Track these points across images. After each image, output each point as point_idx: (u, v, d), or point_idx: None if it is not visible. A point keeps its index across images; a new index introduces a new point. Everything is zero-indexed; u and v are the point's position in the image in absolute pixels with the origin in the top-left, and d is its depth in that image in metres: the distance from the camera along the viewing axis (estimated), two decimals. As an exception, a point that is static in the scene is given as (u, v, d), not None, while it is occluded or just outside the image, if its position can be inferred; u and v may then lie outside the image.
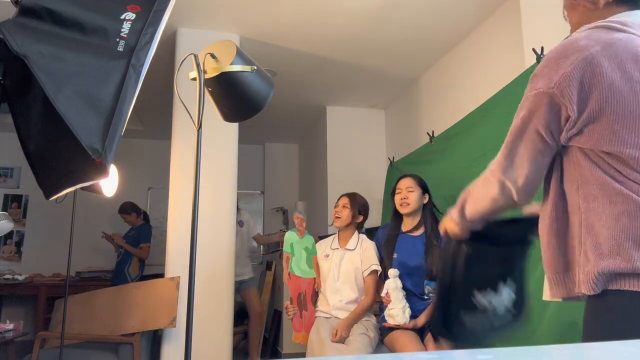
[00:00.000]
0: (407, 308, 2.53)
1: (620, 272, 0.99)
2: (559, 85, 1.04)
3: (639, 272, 0.97)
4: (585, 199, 1.07)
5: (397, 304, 2.53)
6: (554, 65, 1.06)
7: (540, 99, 1.08)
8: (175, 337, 3.07)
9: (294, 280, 2.73)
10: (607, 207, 1.03)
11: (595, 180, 1.05)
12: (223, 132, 3.37)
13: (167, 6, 1.33)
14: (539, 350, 0.60)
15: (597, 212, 1.04)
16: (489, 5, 3.11)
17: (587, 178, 1.07)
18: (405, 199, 2.70)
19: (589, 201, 1.06)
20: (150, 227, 5.03)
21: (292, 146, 6.58)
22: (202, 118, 1.43)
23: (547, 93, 1.06)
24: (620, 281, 1.00)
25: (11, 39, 1.18)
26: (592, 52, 1.02)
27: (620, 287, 0.99)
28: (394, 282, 2.56)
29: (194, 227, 1.40)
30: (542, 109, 1.08)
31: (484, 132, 2.88)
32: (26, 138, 1.42)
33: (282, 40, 3.60)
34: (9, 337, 3.27)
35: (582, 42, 1.05)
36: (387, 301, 2.56)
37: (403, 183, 2.77)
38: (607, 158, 1.03)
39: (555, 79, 1.04)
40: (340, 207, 2.86)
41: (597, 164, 1.05)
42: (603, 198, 1.04)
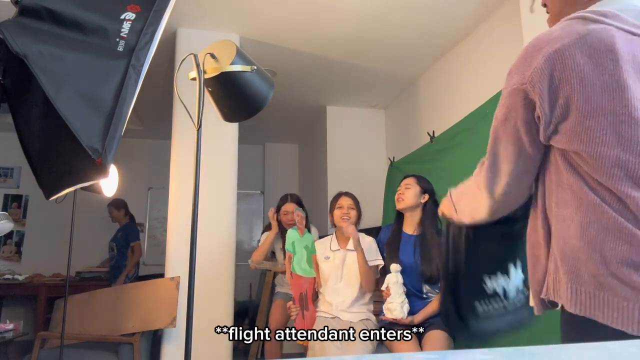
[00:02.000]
0: (405, 304, 2.54)
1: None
2: (532, 80, 0.98)
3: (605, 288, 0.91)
4: (557, 204, 1.01)
5: (396, 299, 2.53)
6: (527, 60, 1.00)
7: (515, 96, 1.02)
8: (175, 337, 3.07)
9: (295, 280, 2.72)
10: (575, 215, 0.97)
11: (569, 184, 0.99)
12: (223, 132, 3.37)
13: (167, 6, 1.33)
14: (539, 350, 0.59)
15: (565, 219, 0.98)
16: (489, 5, 3.11)
17: (562, 181, 1.01)
18: (401, 195, 2.75)
19: (560, 207, 1.00)
20: (137, 226, 5.08)
21: (292, 146, 6.57)
22: (202, 118, 1.43)
23: (521, 89, 1.00)
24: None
25: (11, 39, 1.17)
26: (565, 44, 0.96)
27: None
28: (395, 276, 2.57)
29: (194, 227, 1.40)
30: (519, 106, 1.01)
31: (484, 132, 2.87)
32: (26, 138, 1.42)
33: (282, 40, 3.60)
34: (9, 337, 3.27)
35: (555, 34, 0.99)
36: (387, 295, 2.57)
37: (404, 181, 2.81)
38: (580, 160, 0.97)
39: (527, 74, 0.99)
40: (346, 209, 2.85)
41: (573, 166, 0.99)
42: (574, 205, 0.97)
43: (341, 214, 2.84)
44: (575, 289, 0.95)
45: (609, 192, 0.94)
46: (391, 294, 2.56)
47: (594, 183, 0.95)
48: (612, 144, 0.92)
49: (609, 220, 0.92)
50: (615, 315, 0.88)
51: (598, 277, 0.92)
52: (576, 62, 0.95)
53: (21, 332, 3.46)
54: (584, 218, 0.95)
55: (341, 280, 2.76)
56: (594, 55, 0.95)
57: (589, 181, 0.96)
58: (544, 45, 0.98)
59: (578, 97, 0.94)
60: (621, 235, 0.91)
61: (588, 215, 0.95)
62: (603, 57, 0.94)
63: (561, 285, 0.98)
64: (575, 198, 0.97)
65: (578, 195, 0.97)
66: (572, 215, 0.97)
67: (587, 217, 0.95)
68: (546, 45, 0.98)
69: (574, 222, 0.97)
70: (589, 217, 0.95)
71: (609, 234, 0.92)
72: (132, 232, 4.89)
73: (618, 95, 0.93)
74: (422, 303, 2.61)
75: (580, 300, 0.94)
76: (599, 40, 0.95)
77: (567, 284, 0.96)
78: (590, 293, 0.92)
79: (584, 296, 0.93)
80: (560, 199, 1.00)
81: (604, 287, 0.91)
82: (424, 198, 2.74)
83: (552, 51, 0.96)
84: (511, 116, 1.04)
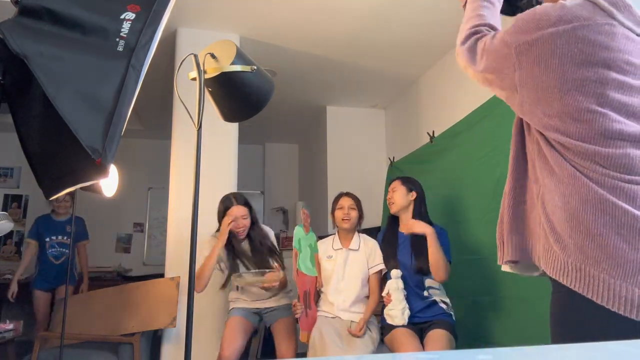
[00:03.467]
0: (406, 310, 2.55)
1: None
2: (517, 50, 1.03)
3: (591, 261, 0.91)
4: (541, 172, 1.03)
5: (397, 305, 2.54)
6: (526, 25, 1.05)
7: (503, 49, 1.08)
8: (175, 337, 3.07)
9: (300, 277, 2.71)
10: (559, 186, 0.98)
11: (550, 154, 1.01)
12: (223, 132, 3.37)
13: (167, 6, 1.33)
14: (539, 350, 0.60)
15: (550, 189, 1.00)
16: (489, 5, 3.11)
17: (542, 151, 1.03)
18: (390, 199, 2.82)
19: (545, 176, 1.02)
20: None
21: (292, 146, 6.57)
22: (202, 118, 1.43)
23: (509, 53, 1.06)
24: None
25: (11, 39, 1.17)
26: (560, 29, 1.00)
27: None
28: (395, 282, 2.58)
29: (194, 227, 1.40)
30: (503, 57, 1.07)
31: (484, 132, 2.89)
32: (26, 138, 1.42)
33: (282, 40, 3.60)
34: (9, 337, 3.26)
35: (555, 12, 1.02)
36: (388, 301, 2.58)
37: (390, 186, 2.88)
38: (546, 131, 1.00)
39: (520, 40, 1.04)
40: (347, 209, 2.86)
41: (545, 137, 1.02)
42: (556, 175, 0.99)
43: (342, 214, 2.85)
44: (562, 260, 0.95)
45: (583, 160, 0.95)
46: (392, 300, 2.56)
47: (566, 151, 0.97)
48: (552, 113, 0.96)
49: (589, 192, 0.93)
50: (606, 295, 0.88)
51: (584, 250, 0.92)
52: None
53: (21, 332, 3.45)
54: (565, 189, 0.96)
55: (343, 279, 2.76)
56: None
57: (561, 151, 0.98)
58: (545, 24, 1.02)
59: (539, 71, 1.00)
60: (602, 207, 0.91)
61: (568, 186, 0.96)
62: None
63: (549, 253, 0.98)
64: (557, 168, 0.99)
65: (557, 166, 0.98)
66: (555, 185, 0.99)
67: (568, 188, 0.96)
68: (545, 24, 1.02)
69: (557, 192, 0.98)
70: (569, 188, 0.96)
71: (589, 205, 0.93)
72: (83, 227, 4.25)
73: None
74: (423, 303, 2.61)
75: (567, 271, 0.94)
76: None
77: (554, 253, 0.97)
78: (577, 265, 0.93)
79: (570, 267, 0.93)
80: (544, 169, 1.02)
81: (590, 261, 0.91)
82: (412, 196, 2.76)
83: (548, 34, 1.01)
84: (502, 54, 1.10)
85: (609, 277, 0.88)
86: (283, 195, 6.31)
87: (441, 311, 2.60)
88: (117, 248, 6.00)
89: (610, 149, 0.93)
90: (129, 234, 6.08)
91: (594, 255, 0.90)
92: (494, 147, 2.77)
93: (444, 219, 3.15)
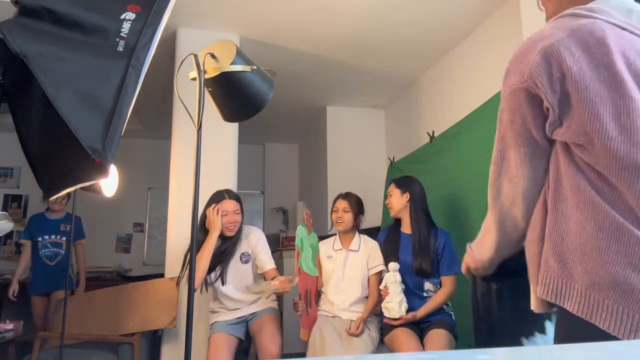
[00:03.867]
0: (404, 302, 2.54)
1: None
2: (531, 76, 0.97)
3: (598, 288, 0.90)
4: (553, 198, 1.00)
5: (394, 298, 2.54)
6: (522, 59, 1.01)
7: (517, 96, 1.01)
8: (175, 337, 3.07)
9: (302, 276, 2.70)
10: (573, 211, 0.96)
11: (568, 179, 0.98)
12: (223, 132, 3.37)
13: (167, 6, 1.33)
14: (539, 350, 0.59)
15: (565, 214, 0.97)
16: (489, 6, 3.11)
17: (561, 175, 0.99)
18: (388, 204, 2.86)
19: (558, 201, 0.99)
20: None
21: (292, 146, 6.57)
22: (202, 118, 1.43)
23: (522, 88, 1.00)
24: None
25: (11, 39, 1.17)
26: (558, 39, 0.97)
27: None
28: (393, 275, 2.58)
29: (194, 227, 1.40)
30: (523, 105, 1.01)
31: (484, 132, 2.88)
32: (26, 138, 1.42)
33: (282, 40, 3.60)
34: (9, 337, 3.26)
35: (547, 31, 1.00)
36: (385, 293, 2.58)
37: (388, 190, 2.91)
38: (582, 154, 0.95)
39: (526, 72, 0.99)
40: (340, 212, 2.85)
41: (573, 161, 0.97)
42: (572, 200, 0.96)
43: (335, 217, 2.86)
44: (569, 286, 0.94)
45: (608, 187, 0.93)
46: (389, 293, 2.56)
47: (595, 177, 0.94)
48: (613, 134, 0.92)
49: (606, 219, 0.91)
50: (607, 319, 0.88)
51: (592, 276, 0.91)
52: (572, 55, 0.95)
53: (21, 332, 3.45)
54: (581, 214, 0.94)
55: (343, 279, 2.77)
56: (587, 49, 0.95)
57: (589, 175, 0.95)
58: (538, 43, 0.99)
59: (577, 89, 0.94)
60: (617, 235, 0.90)
61: (585, 212, 0.94)
62: (596, 50, 0.95)
63: (553, 281, 0.97)
64: (574, 194, 0.96)
65: (577, 191, 0.96)
66: (570, 211, 0.97)
67: (584, 213, 0.94)
68: (540, 41, 0.99)
69: (572, 218, 0.96)
70: (586, 214, 0.94)
71: (604, 232, 0.91)
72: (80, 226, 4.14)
73: (615, 87, 0.93)
74: (423, 302, 2.61)
75: (572, 297, 0.93)
76: (591, 33, 0.96)
77: (560, 280, 0.96)
78: (583, 291, 0.92)
79: (575, 293, 0.93)
80: (558, 194, 0.99)
81: (596, 287, 0.90)
82: (406, 197, 2.77)
83: (547, 46, 0.97)
84: (517, 116, 1.02)
85: (612, 303, 0.88)
86: (283, 195, 6.31)
87: (441, 311, 2.61)
88: (117, 248, 6.00)
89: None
90: (129, 234, 6.07)
91: (602, 281, 0.90)
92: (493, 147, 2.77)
93: (444, 219, 3.16)
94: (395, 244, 2.76)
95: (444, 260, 2.66)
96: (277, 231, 5.50)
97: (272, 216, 6.29)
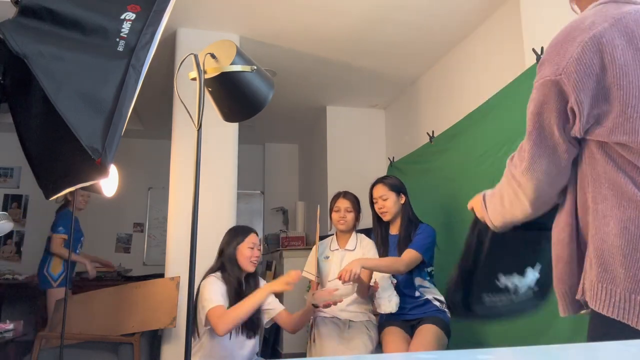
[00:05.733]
0: (393, 297, 2.54)
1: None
2: (567, 71, 0.90)
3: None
4: (594, 198, 0.94)
5: (383, 293, 2.54)
6: (560, 49, 0.93)
7: (548, 88, 0.94)
8: (175, 337, 3.07)
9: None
10: (614, 211, 0.90)
11: (607, 178, 0.92)
12: (223, 132, 3.37)
13: (167, 6, 1.33)
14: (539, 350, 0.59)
15: (605, 215, 0.91)
16: (489, 6, 3.11)
17: (599, 175, 0.93)
18: (382, 208, 2.73)
19: (598, 202, 0.93)
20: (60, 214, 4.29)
21: (292, 146, 6.57)
22: (202, 118, 1.43)
23: (554, 81, 0.93)
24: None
25: (11, 39, 1.17)
26: (600, 30, 0.89)
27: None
28: None
29: (194, 227, 1.40)
30: (552, 99, 0.94)
31: (483, 132, 2.89)
32: (26, 138, 1.42)
33: (282, 40, 3.60)
34: (9, 337, 3.26)
35: (589, 20, 0.93)
36: (375, 289, 2.58)
37: (376, 191, 2.78)
38: (624, 151, 0.89)
39: (562, 64, 0.91)
40: (343, 212, 2.84)
41: (613, 159, 0.91)
42: (613, 200, 0.91)
43: (338, 217, 2.83)
44: (610, 290, 0.89)
45: None
46: (378, 289, 2.56)
47: (637, 174, 0.89)
48: None
49: None
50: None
51: (636, 279, 0.86)
52: (614, 48, 0.88)
53: (21, 332, 3.45)
54: (623, 214, 0.89)
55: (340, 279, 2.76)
56: (633, 40, 0.89)
57: (631, 173, 0.90)
58: (579, 33, 0.92)
59: (620, 85, 0.88)
60: None
61: (628, 211, 0.89)
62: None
63: (594, 285, 0.92)
64: (615, 193, 0.91)
65: (617, 190, 0.91)
66: (611, 211, 0.91)
67: (626, 213, 0.89)
68: (580, 33, 0.91)
69: (613, 218, 0.91)
70: (628, 213, 0.88)
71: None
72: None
73: None
74: (415, 302, 2.60)
75: (614, 302, 0.88)
76: (636, 22, 0.90)
77: (600, 284, 0.90)
78: (626, 295, 0.86)
79: (618, 298, 0.87)
80: (597, 194, 0.93)
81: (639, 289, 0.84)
82: (402, 199, 2.75)
83: (588, 39, 0.90)
84: (544, 110, 0.97)
85: None
86: (283, 195, 6.31)
87: (434, 308, 2.59)
88: (117, 248, 6.00)
89: None
90: (129, 234, 6.08)
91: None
92: (492, 147, 2.77)
93: (443, 219, 3.15)
94: (385, 246, 2.76)
95: (415, 241, 2.59)
96: (277, 231, 5.50)
97: (272, 216, 6.29)
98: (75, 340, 3.09)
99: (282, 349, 4.47)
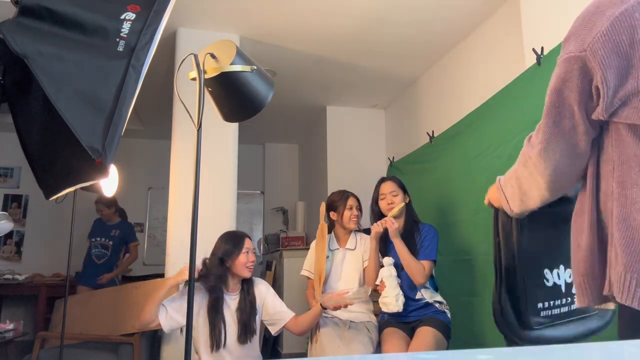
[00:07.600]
0: (400, 296, 2.53)
1: None
2: (593, 47, 0.85)
3: None
4: (621, 183, 0.87)
5: (391, 292, 2.53)
6: (588, 23, 0.87)
7: (571, 65, 0.88)
8: (175, 337, 3.07)
9: None
10: None
11: (638, 161, 0.85)
12: (223, 132, 3.37)
13: (167, 6, 1.33)
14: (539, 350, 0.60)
15: (635, 201, 0.85)
16: (489, 6, 3.11)
17: (628, 158, 0.87)
18: (392, 204, 2.72)
19: (626, 187, 0.86)
20: (133, 225, 4.85)
21: (292, 146, 6.58)
22: (202, 118, 1.43)
23: (579, 57, 0.87)
24: None
25: (11, 39, 1.17)
26: (633, 3, 0.84)
27: None
28: (388, 270, 2.57)
29: (194, 227, 1.40)
30: (575, 76, 0.88)
31: (483, 132, 2.88)
32: (26, 138, 1.42)
33: (282, 40, 3.60)
34: (9, 337, 3.26)
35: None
36: (381, 288, 2.57)
37: (385, 187, 2.78)
38: None
39: (588, 40, 0.86)
40: (354, 210, 2.86)
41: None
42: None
43: (350, 214, 2.84)
44: (638, 281, 0.83)
45: None
46: (385, 288, 2.56)
47: None
48: None
49: None
50: None
51: None
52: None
53: (21, 332, 3.45)
54: None
55: (340, 279, 2.76)
56: None
57: None
58: (608, 7, 0.86)
59: None
60: None
61: None
62: None
63: (621, 276, 0.86)
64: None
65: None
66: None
67: None
68: (610, 7, 0.86)
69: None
70: None
71: None
72: (131, 231, 4.74)
73: None
74: (417, 304, 2.60)
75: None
76: None
77: (629, 274, 0.84)
78: None
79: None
80: (626, 179, 0.87)
81: None
82: (407, 199, 2.77)
83: (619, 13, 0.84)
84: (565, 87, 0.91)
85: None
86: (283, 195, 6.31)
87: (433, 309, 2.59)
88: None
89: None
90: (129, 234, 6.07)
91: None
92: (492, 147, 2.76)
93: (443, 219, 3.15)
94: (386, 246, 2.75)
95: (423, 248, 2.61)
96: (277, 231, 5.50)
97: (272, 216, 6.29)
98: (75, 340, 3.09)
99: (282, 349, 4.47)
